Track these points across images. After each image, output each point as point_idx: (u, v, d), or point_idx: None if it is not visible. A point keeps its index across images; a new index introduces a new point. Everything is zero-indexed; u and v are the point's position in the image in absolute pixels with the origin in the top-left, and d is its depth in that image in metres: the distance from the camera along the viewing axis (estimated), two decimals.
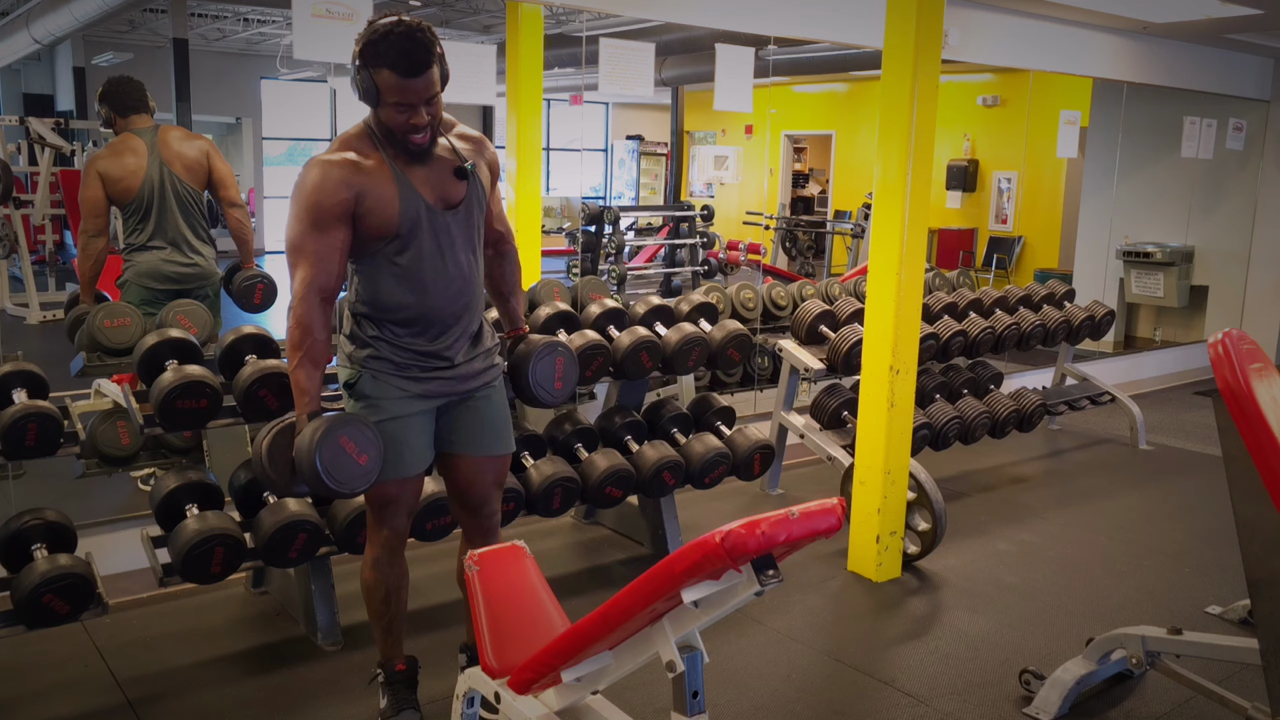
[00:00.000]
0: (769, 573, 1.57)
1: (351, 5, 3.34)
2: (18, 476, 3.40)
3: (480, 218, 2.36)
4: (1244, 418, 2.13)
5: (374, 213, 2.17)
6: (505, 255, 2.58)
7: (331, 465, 2.10)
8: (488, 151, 2.42)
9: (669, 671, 1.71)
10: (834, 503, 1.62)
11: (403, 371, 2.30)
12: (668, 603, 1.65)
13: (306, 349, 2.17)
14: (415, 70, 2.08)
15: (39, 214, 8.19)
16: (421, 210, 2.22)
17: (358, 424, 2.16)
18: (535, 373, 2.49)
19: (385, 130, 2.19)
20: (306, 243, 2.15)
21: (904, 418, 3.56)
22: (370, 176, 2.17)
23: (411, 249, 2.23)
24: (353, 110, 2.27)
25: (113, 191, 3.68)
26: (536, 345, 2.52)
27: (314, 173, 2.16)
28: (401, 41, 2.06)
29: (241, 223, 3.92)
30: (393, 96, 2.10)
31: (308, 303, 2.16)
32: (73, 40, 10.72)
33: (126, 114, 3.80)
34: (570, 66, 7.84)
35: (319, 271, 2.16)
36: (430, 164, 2.25)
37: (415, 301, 2.26)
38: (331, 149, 2.20)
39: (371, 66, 2.09)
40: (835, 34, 5.19)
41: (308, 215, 2.14)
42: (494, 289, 2.61)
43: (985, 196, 10.28)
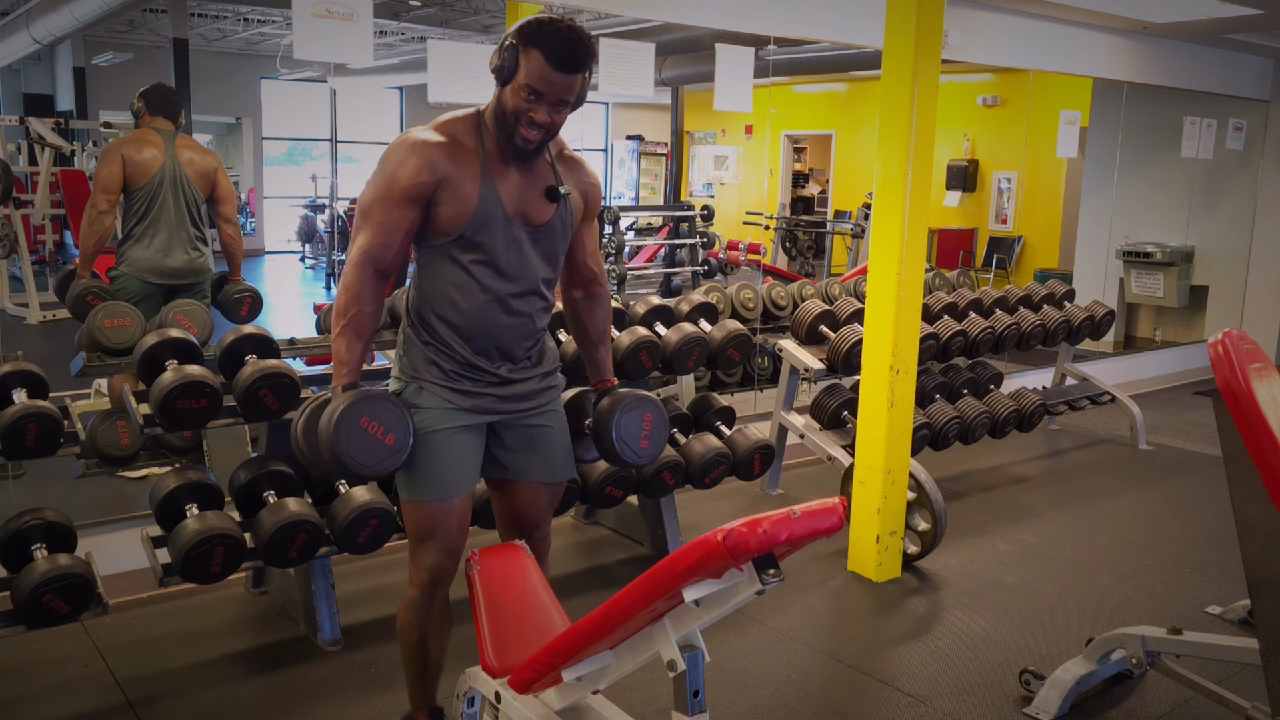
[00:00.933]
0: (770, 572, 1.57)
1: (351, 5, 3.33)
2: (18, 476, 3.41)
3: (562, 246, 2.21)
4: (1244, 418, 2.13)
5: (449, 203, 2.05)
6: (596, 299, 2.38)
7: (353, 446, 1.97)
8: (588, 179, 2.26)
9: (670, 671, 1.71)
10: (835, 502, 1.62)
11: (451, 382, 2.14)
12: (669, 602, 1.65)
13: (351, 317, 2.06)
14: (567, 66, 1.98)
15: (39, 214, 8.20)
16: (498, 217, 2.08)
17: (381, 400, 2.02)
18: (619, 428, 2.26)
19: (497, 117, 2.06)
20: (375, 210, 2.06)
21: (904, 418, 3.56)
22: (458, 166, 2.06)
23: (476, 250, 2.09)
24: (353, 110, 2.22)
25: (130, 174, 3.91)
26: (623, 399, 2.29)
27: (404, 146, 2.06)
28: (567, 33, 1.98)
29: (234, 238, 4.17)
30: (529, 79, 1.99)
31: (360, 270, 2.06)
32: (73, 40, 10.72)
33: (156, 114, 4.05)
34: None
35: (379, 243, 2.05)
36: (524, 175, 2.12)
37: (468, 306, 2.12)
38: (429, 128, 2.09)
39: (525, 44, 1.99)
40: (835, 34, 5.19)
41: (384, 185, 2.05)
42: (582, 335, 2.41)
43: (985, 196, 10.28)
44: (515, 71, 2.00)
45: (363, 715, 2.66)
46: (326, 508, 2.95)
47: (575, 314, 2.39)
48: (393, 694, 2.76)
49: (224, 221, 4.13)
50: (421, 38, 10.11)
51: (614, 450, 2.28)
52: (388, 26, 9.75)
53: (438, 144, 2.05)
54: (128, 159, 3.89)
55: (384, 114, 15.05)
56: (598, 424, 2.29)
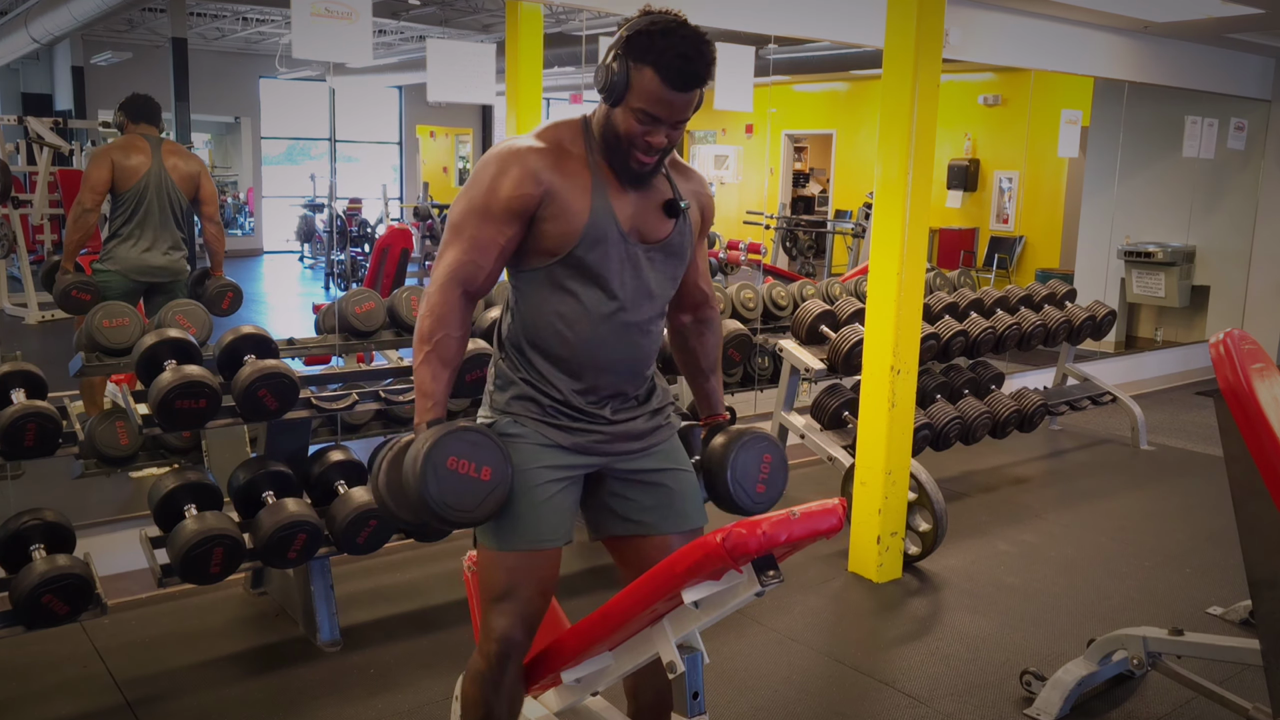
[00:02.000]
0: (770, 573, 1.56)
1: (350, 4, 3.33)
2: (16, 476, 3.40)
3: (679, 267, 1.95)
4: (1245, 418, 2.12)
5: (556, 219, 1.81)
6: (708, 324, 2.12)
7: (445, 492, 1.69)
8: (702, 189, 2.01)
9: (669, 672, 1.70)
10: (835, 503, 1.61)
11: (549, 418, 1.89)
12: (668, 603, 1.64)
13: (437, 343, 1.81)
14: (686, 84, 1.76)
15: (37, 214, 8.19)
16: (612, 233, 1.84)
17: (468, 432, 1.74)
18: (735, 470, 1.98)
19: (608, 135, 1.82)
20: (468, 224, 1.82)
21: (905, 418, 3.55)
22: (566, 177, 1.82)
23: (586, 273, 1.84)
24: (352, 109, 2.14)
25: (118, 177, 4.10)
26: (739, 437, 2.01)
27: (504, 154, 1.83)
28: (684, 45, 1.74)
29: (217, 237, 4.39)
30: (642, 102, 1.76)
31: (446, 292, 1.82)
32: (71, 40, 10.72)
33: (139, 121, 4.25)
34: (570, 65, 7.83)
35: (470, 261, 1.81)
36: (639, 190, 1.88)
37: (575, 337, 1.86)
38: (533, 135, 1.87)
39: (635, 59, 1.75)
40: (836, 33, 5.18)
41: (482, 197, 1.81)
42: (690, 364, 2.15)
43: (986, 196, 10.27)
44: (626, 92, 1.76)
45: (362, 716, 2.66)
46: (326, 508, 2.95)
47: (683, 340, 2.13)
48: (392, 695, 2.76)
49: (207, 221, 4.37)
50: (421, 37, 10.11)
51: (728, 495, 1.99)
52: (387, 25, 9.75)
53: (542, 151, 1.82)
54: (116, 163, 4.10)
55: (383, 113, 15.06)
56: (710, 464, 2.02)
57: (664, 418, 2.00)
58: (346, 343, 3.38)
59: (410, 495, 1.69)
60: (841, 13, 4.98)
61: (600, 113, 1.84)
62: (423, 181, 14.08)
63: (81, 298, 4.00)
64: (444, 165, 15.16)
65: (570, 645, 1.88)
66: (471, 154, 15.40)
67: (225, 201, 14.73)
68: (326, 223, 12.26)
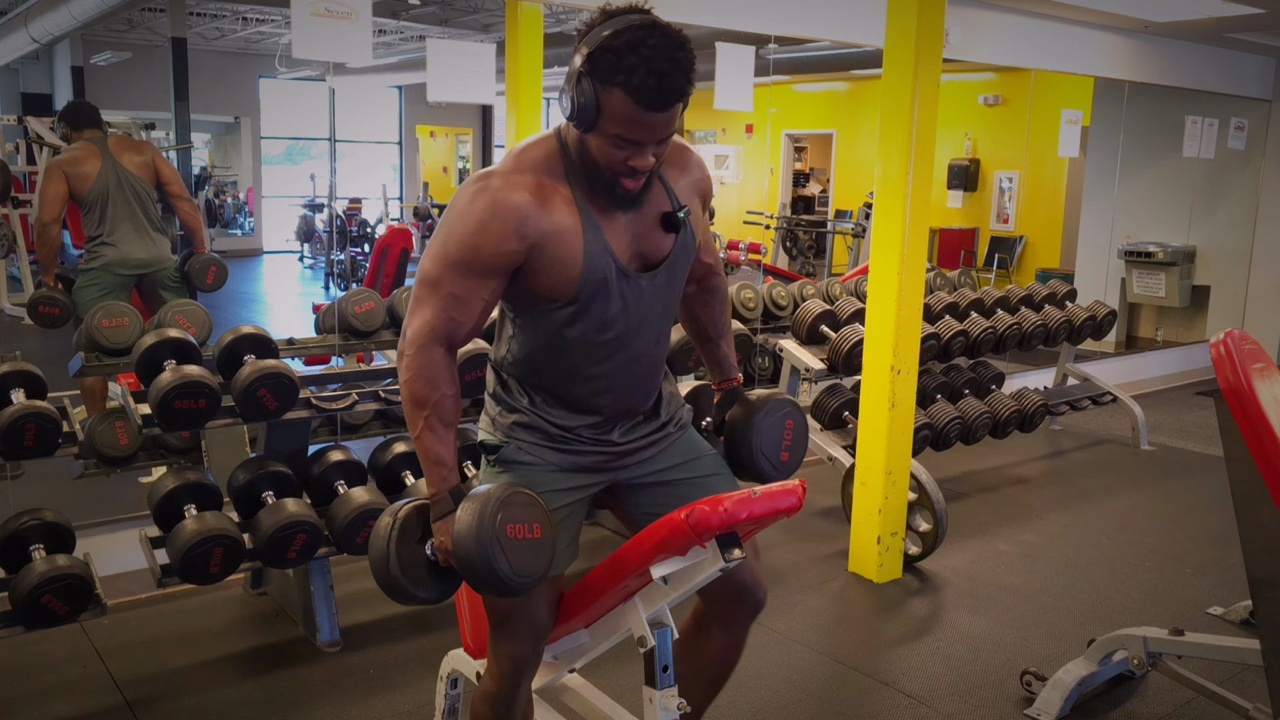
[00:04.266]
0: (733, 550, 1.61)
1: (350, 4, 3.32)
2: (16, 477, 3.40)
3: (684, 276, 1.83)
4: (1246, 418, 2.12)
5: (547, 271, 1.65)
6: (713, 291, 2.03)
7: (513, 564, 1.59)
8: (698, 172, 1.84)
9: (640, 647, 1.74)
10: (795, 484, 1.65)
11: (554, 444, 1.81)
12: (638, 579, 1.69)
13: (434, 406, 1.67)
14: (663, 103, 1.53)
15: (37, 214, 8.18)
16: (611, 273, 1.68)
17: (511, 493, 1.63)
18: (759, 437, 1.89)
19: (587, 162, 1.64)
20: (445, 280, 1.65)
21: (905, 418, 3.55)
22: (553, 221, 1.64)
23: (586, 320, 1.71)
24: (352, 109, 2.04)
25: (75, 186, 4.15)
26: (762, 404, 1.92)
27: (482, 203, 1.63)
28: (655, 60, 1.50)
29: (190, 214, 4.42)
30: (617, 128, 1.56)
31: (429, 351, 1.67)
32: (71, 39, 10.72)
33: (80, 129, 4.30)
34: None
35: (449, 318, 1.66)
36: (632, 210, 1.71)
37: (577, 377, 1.77)
38: (509, 170, 1.66)
39: (602, 81, 1.53)
40: (836, 33, 5.18)
41: (458, 253, 1.64)
42: (698, 332, 2.06)
43: (986, 196, 10.27)
44: (597, 117, 1.56)
45: (361, 717, 2.66)
46: (325, 508, 2.95)
47: (690, 310, 2.04)
48: (391, 695, 2.75)
49: (176, 200, 4.39)
50: (421, 36, 10.11)
51: (752, 463, 1.90)
52: (387, 25, 9.75)
53: (523, 199, 1.63)
54: (68, 173, 4.14)
55: (383, 113, 15.06)
56: (732, 432, 1.93)
57: (673, 425, 1.92)
58: (346, 343, 3.37)
59: (478, 567, 1.58)
60: (841, 13, 4.98)
61: (573, 137, 1.64)
62: (423, 181, 14.08)
63: (50, 312, 4.09)
64: (444, 165, 15.16)
65: None
66: (471, 154, 15.41)
67: (225, 201, 14.74)
68: (326, 223, 12.26)
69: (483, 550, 1.57)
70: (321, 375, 3.09)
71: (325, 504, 2.98)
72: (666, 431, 1.90)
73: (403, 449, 3.15)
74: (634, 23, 1.53)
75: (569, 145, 1.67)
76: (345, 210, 11.86)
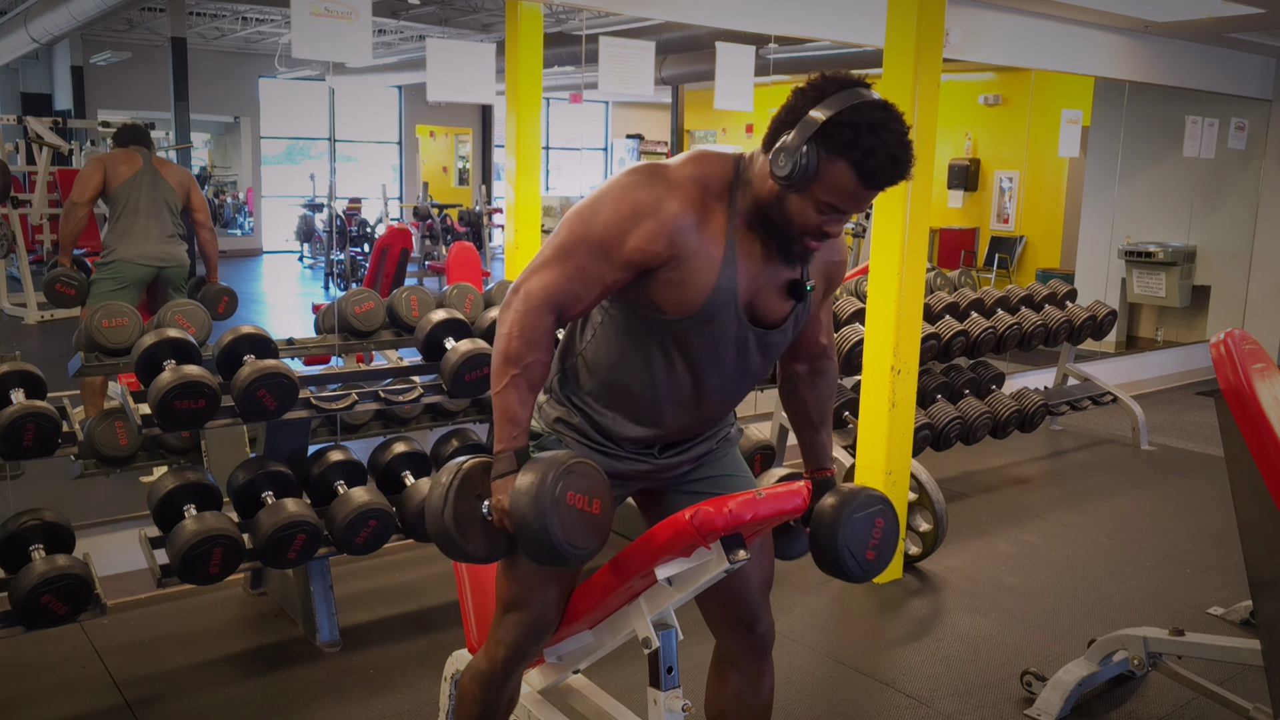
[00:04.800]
0: (738, 551, 1.60)
1: (350, 4, 3.32)
2: (16, 477, 3.39)
3: (783, 349, 1.81)
4: (1246, 418, 2.12)
5: (676, 285, 1.62)
6: (824, 374, 1.96)
7: (569, 531, 1.56)
8: (836, 256, 1.81)
9: (645, 648, 1.73)
10: (800, 485, 1.65)
11: (593, 444, 1.80)
12: (643, 580, 1.68)
13: (526, 367, 1.62)
14: (886, 183, 1.54)
15: (37, 213, 8.19)
16: (729, 311, 1.65)
17: (578, 465, 1.60)
18: (845, 535, 1.80)
19: (774, 215, 1.61)
20: (578, 253, 1.62)
21: (905, 418, 3.55)
22: (701, 241, 1.61)
23: (683, 346, 1.68)
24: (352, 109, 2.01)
25: (110, 177, 4.36)
26: (852, 500, 1.82)
27: (646, 194, 1.60)
28: (894, 145, 1.51)
29: (210, 243, 4.64)
30: (830, 197, 1.54)
31: (540, 315, 1.62)
32: (71, 39, 10.73)
33: (128, 145, 4.53)
34: (570, 65, 7.83)
35: (571, 290, 1.62)
36: (768, 257, 1.67)
37: (653, 399, 1.74)
38: (683, 174, 1.63)
39: (830, 150, 1.51)
40: (836, 33, 5.18)
41: (603, 231, 1.60)
42: (799, 414, 1.98)
43: (987, 196, 10.27)
44: (812, 182, 1.54)
45: (362, 716, 2.65)
46: (325, 508, 2.94)
47: (793, 388, 1.98)
48: (391, 695, 2.75)
49: (200, 228, 4.61)
50: (420, 36, 10.11)
51: (835, 560, 1.81)
52: (386, 25, 9.75)
53: (685, 206, 1.60)
54: (108, 167, 4.38)
55: (383, 113, 15.06)
56: (818, 525, 1.85)
57: (716, 441, 1.89)
58: (346, 343, 3.37)
59: (532, 532, 1.55)
60: (841, 13, 4.97)
61: (767, 188, 1.60)
62: (422, 181, 14.09)
63: (66, 291, 4.25)
64: (444, 165, 15.16)
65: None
66: (471, 154, 15.41)
67: (225, 201, 14.74)
68: (326, 222, 12.26)
69: (539, 511, 1.54)
70: (321, 375, 3.09)
71: (325, 504, 2.98)
72: (709, 448, 1.88)
73: (402, 449, 3.15)
74: (872, 102, 1.53)
75: (748, 181, 1.64)
76: (345, 210, 11.86)
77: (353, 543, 2.88)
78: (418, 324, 3.23)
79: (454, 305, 3.47)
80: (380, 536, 2.91)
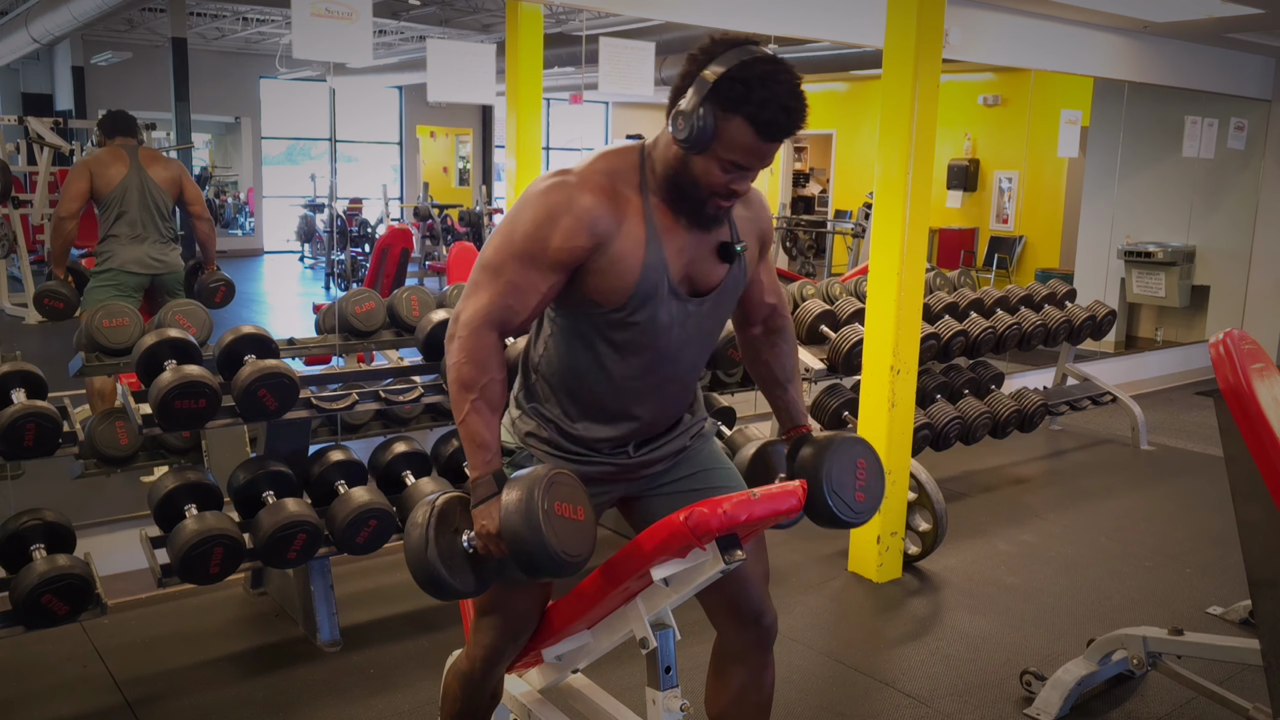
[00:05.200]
0: (734, 551, 1.60)
1: (351, 4, 3.33)
2: (16, 476, 3.40)
3: (730, 307, 1.85)
4: (1245, 418, 2.12)
5: (604, 273, 1.67)
6: (780, 332, 1.99)
7: (562, 541, 1.57)
8: (763, 217, 1.87)
9: (642, 648, 1.74)
10: (795, 485, 1.65)
11: (571, 455, 1.82)
12: (639, 581, 1.68)
13: (481, 389, 1.66)
14: (782, 136, 1.59)
15: (38, 214, 8.19)
16: (662, 288, 1.70)
17: (558, 476, 1.62)
18: (831, 480, 1.79)
19: (682, 180, 1.66)
20: (507, 268, 1.66)
21: (905, 418, 3.55)
22: (620, 226, 1.66)
23: (629, 331, 1.72)
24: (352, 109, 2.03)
25: (97, 185, 4.27)
26: (829, 444, 1.82)
27: (556, 197, 1.65)
28: (786, 95, 1.55)
29: (207, 234, 4.57)
30: (732, 154, 1.59)
31: (482, 335, 1.66)
32: (71, 40, 10.73)
33: (114, 135, 4.43)
34: (570, 65, 7.83)
35: (506, 305, 1.66)
36: (693, 229, 1.72)
37: (610, 391, 1.77)
38: (587, 171, 1.69)
39: (725, 108, 1.56)
40: (836, 33, 5.18)
41: (526, 242, 1.65)
42: (765, 376, 2.01)
43: (986, 196, 10.27)
44: (713, 142, 1.59)
45: (361, 716, 2.66)
46: (326, 508, 2.95)
47: (755, 353, 2.01)
48: (391, 695, 2.76)
49: (197, 219, 4.55)
50: (421, 37, 10.11)
51: (826, 507, 1.79)
52: (387, 25, 9.75)
53: (597, 197, 1.65)
54: (94, 172, 4.27)
55: (383, 113, 15.06)
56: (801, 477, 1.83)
57: (690, 437, 1.91)
58: (346, 343, 3.37)
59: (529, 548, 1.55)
60: (841, 13, 4.98)
61: (671, 154, 1.66)
62: (423, 181, 14.09)
63: (55, 305, 4.18)
64: (444, 165, 15.17)
65: (549, 623, 1.93)
66: (471, 154, 15.41)
67: (225, 201, 14.74)
68: (326, 223, 12.26)
69: (532, 525, 1.54)
70: (322, 375, 3.09)
71: (325, 504, 2.98)
72: (683, 444, 1.90)
73: (403, 449, 3.15)
74: (761, 57, 1.57)
75: (653, 161, 1.70)
76: (345, 210, 11.86)
77: (353, 542, 2.88)
78: (418, 324, 3.23)
79: (454, 305, 3.47)
80: (380, 536, 2.91)
